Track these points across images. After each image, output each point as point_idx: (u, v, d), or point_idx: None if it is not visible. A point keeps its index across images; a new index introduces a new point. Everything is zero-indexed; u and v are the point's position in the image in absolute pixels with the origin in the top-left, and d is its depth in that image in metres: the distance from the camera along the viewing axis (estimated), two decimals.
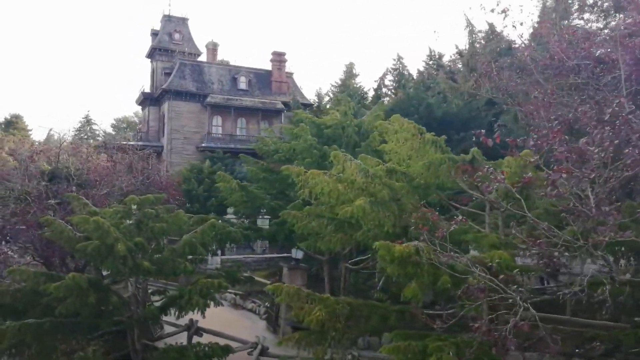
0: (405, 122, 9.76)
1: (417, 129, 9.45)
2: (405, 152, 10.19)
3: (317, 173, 9.32)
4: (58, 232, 13.14)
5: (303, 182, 10.67)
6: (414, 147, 9.64)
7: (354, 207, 7.89)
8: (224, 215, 27.19)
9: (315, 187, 9.37)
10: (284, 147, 16.65)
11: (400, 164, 10.39)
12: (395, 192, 8.69)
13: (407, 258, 7.00)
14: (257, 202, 16.38)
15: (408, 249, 7.01)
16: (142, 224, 13.98)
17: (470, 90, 33.46)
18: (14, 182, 17.68)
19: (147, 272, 12.48)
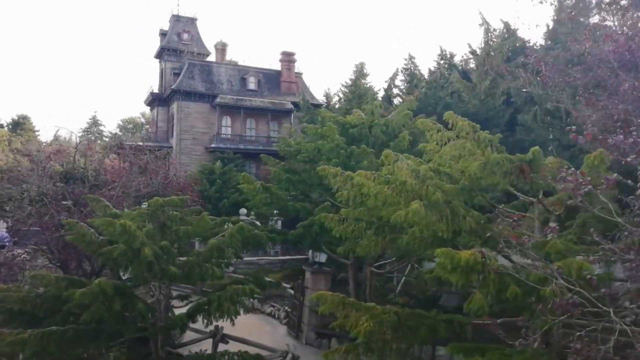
0: (459, 120, 9.18)
1: (471, 126, 8.89)
2: (450, 151, 9.62)
3: (365, 174, 8.76)
4: (80, 235, 12.59)
5: (341, 184, 10.11)
6: (466, 146, 9.06)
7: (409, 211, 7.34)
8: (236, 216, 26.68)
9: (362, 189, 8.81)
10: (308, 147, 16.05)
11: (442, 164, 9.82)
12: (446, 194, 8.13)
13: (472, 266, 6.44)
14: (281, 204, 15.81)
15: (474, 256, 6.45)
16: (166, 227, 13.44)
17: (486, 90, 32.88)
18: (30, 183, 17.18)
19: (174, 277, 11.92)
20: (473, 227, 8.08)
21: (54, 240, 16.46)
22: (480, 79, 33.63)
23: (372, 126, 15.68)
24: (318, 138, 16.44)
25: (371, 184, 8.56)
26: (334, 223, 10.01)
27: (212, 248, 12.34)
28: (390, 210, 8.42)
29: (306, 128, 17.35)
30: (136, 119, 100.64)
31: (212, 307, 11.55)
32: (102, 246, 12.84)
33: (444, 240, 8.66)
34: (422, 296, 21.19)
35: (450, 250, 6.61)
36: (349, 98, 47.30)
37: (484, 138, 8.53)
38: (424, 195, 7.92)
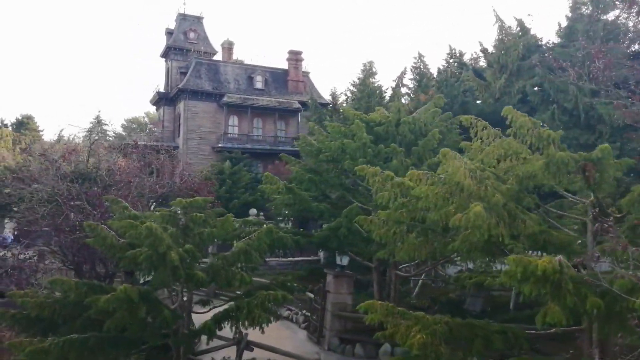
0: (519, 116, 8.59)
1: (533, 123, 8.30)
2: (496, 150, 9.02)
3: (416, 174, 8.16)
4: (101, 238, 12.00)
5: (379, 184, 9.51)
6: (512, 145, 8.47)
7: (470, 214, 6.76)
8: (246, 217, 26.05)
9: (406, 189, 8.22)
10: (331, 146, 15.43)
11: (488, 164, 9.22)
12: (503, 196, 7.54)
13: (548, 275, 5.85)
14: (303, 205, 15.21)
15: (552, 264, 5.85)
16: (189, 229, 12.86)
17: (501, 88, 32.29)
18: (43, 183, 16.59)
19: (200, 282, 11.34)
20: (533, 231, 7.50)
21: (69, 242, 15.88)
22: (494, 77, 33.04)
23: (399, 124, 15.07)
24: (341, 136, 15.82)
25: (422, 185, 7.96)
26: (374, 226, 9.40)
27: (239, 251, 11.74)
28: (441, 212, 7.83)
29: (328, 126, 16.72)
30: (140, 118, 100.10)
31: (241, 315, 10.95)
32: (124, 249, 12.27)
33: (492, 244, 8.09)
34: (443, 299, 20.61)
35: (523, 258, 6.01)
36: (358, 97, 46.71)
37: (546, 135, 7.93)
38: (483, 197, 7.33)
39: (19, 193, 17.94)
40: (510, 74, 31.91)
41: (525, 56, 32.80)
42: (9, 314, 12.42)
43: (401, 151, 14.15)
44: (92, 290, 12.07)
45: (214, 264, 12.12)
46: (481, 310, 19.03)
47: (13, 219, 36.62)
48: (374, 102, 46.01)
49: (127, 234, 12.06)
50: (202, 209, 13.10)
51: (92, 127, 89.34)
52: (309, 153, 16.99)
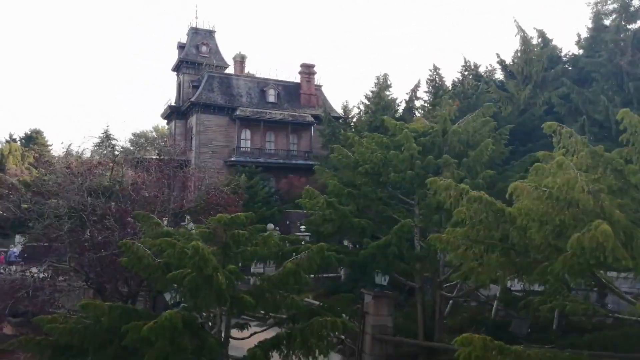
0: (633, 118, 7.59)
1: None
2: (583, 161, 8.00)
3: (519, 186, 7.13)
4: (136, 258, 10.95)
5: (454, 198, 8.48)
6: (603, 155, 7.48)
7: (596, 234, 5.73)
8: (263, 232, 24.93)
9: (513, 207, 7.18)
10: (374, 157, 14.42)
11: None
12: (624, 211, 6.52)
13: None
14: (344, 221, 14.15)
15: None
16: (229, 248, 11.80)
17: (525, 99, 31.36)
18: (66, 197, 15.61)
19: (247, 306, 10.25)
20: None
21: (93, 261, 14.84)
22: (517, 89, 32.13)
23: (446, 134, 14.08)
24: (383, 148, 14.82)
25: (524, 199, 6.92)
26: (450, 246, 8.35)
27: (287, 272, 10.63)
28: (545, 230, 6.79)
29: (368, 137, 15.73)
30: (148, 133, 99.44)
31: (294, 343, 9.84)
32: (160, 270, 11.23)
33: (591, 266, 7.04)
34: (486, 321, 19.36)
35: None
36: (373, 110, 45.88)
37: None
38: (599, 213, 6.31)
39: (38, 208, 16.94)
40: (535, 85, 30.97)
41: (548, 67, 31.93)
42: (34, 341, 11.34)
43: (454, 162, 13.13)
44: (126, 314, 10.99)
45: (259, 286, 11.05)
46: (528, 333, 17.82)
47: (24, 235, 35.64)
48: (390, 115, 45.19)
49: (166, 253, 11.06)
50: (244, 225, 12.05)
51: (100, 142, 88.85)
52: (346, 165, 15.96)
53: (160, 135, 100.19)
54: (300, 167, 49.90)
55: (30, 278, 14.51)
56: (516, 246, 8.28)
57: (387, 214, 15.61)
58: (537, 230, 6.84)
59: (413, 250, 13.88)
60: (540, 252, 7.83)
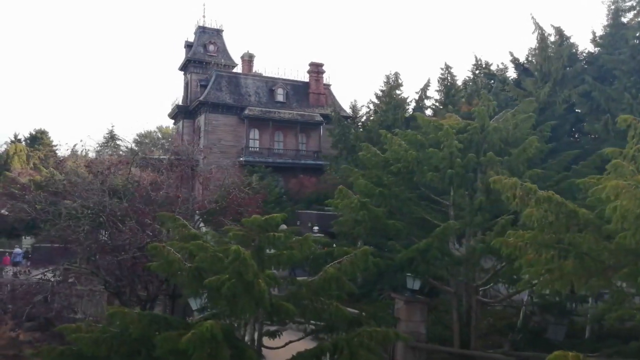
0: None
1: None
2: None
3: (619, 184, 6.36)
4: (167, 262, 10.19)
5: (521, 199, 7.73)
6: None
7: None
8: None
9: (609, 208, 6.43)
10: (408, 156, 13.65)
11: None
12: None
13: None
14: (377, 223, 13.39)
15: None
16: (262, 251, 11.03)
17: (545, 98, 30.55)
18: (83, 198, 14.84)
19: (288, 314, 9.50)
20: None
21: (113, 264, 14.08)
22: (536, 87, 31.33)
23: (488, 131, 13.30)
24: (416, 145, 14.07)
25: (623, 200, 6.17)
26: (520, 251, 7.60)
27: (329, 278, 9.87)
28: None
29: (399, 134, 14.97)
30: (152, 133, 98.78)
31: (341, 356, 9.06)
32: (192, 275, 10.47)
33: None
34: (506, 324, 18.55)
35: None
36: (384, 109, 45.11)
37: None
38: None
39: (54, 209, 16.18)
40: (554, 83, 30.19)
41: (567, 65, 31.16)
42: (57, 351, 10.56)
43: (499, 161, 12.36)
44: (156, 323, 10.23)
45: (297, 293, 10.28)
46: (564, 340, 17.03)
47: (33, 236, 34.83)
48: (401, 114, 44.44)
49: (198, 257, 10.30)
50: (278, 227, 11.30)
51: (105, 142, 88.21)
52: (375, 164, 15.20)
53: (164, 135, 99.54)
54: (309, 167, 49.19)
55: (48, 282, 13.76)
56: (591, 251, 7.53)
57: (419, 216, 14.85)
58: (634, 233, 6.07)
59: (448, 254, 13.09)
60: (621, 257, 7.08)
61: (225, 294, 9.43)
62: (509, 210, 13.28)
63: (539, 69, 31.43)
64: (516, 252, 7.70)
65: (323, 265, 12.48)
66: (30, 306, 13.15)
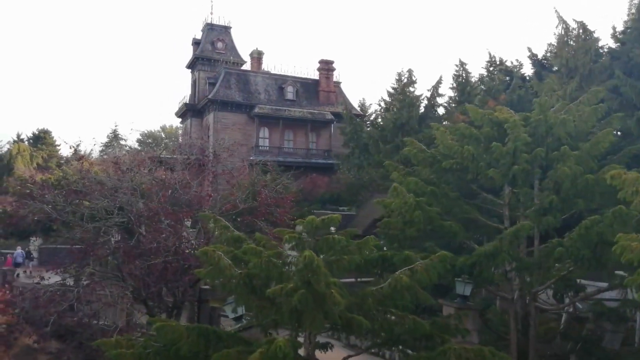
0: None
1: None
2: None
3: None
4: (217, 269, 9.04)
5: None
6: None
7: None
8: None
9: None
10: (465, 151, 12.51)
11: None
12: None
13: None
14: (432, 224, 12.23)
15: None
16: (317, 256, 9.87)
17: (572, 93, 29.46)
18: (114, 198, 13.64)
19: (359, 328, 8.34)
20: None
21: (144, 269, 12.89)
22: (561, 82, 30.22)
23: (551, 124, 12.17)
24: (472, 140, 12.93)
25: None
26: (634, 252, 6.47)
27: (401, 287, 8.71)
28: None
29: (450, 128, 13.86)
30: (156, 133, 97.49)
31: None
32: (243, 283, 9.32)
33: None
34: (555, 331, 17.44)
35: None
36: (397, 107, 43.94)
37: None
38: None
39: (74, 209, 15.02)
40: (581, 79, 29.08)
41: (595, 60, 30.07)
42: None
43: (572, 155, 11.23)
44: (205, 337, 9.09)
45: (362, 304, 9.12)
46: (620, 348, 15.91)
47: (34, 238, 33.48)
48: (415, 112, 43.28)
49: (252, 263, 9.15)
50: (334, 228, 10.16)
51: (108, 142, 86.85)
52: (422, 161, 14.05)
53: (168, 135, 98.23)
54: (320, 166, 48.08)
55: (73, 289, 12.58)
56: None
57: (469, 216, 13.71)
58: None
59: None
60: None
61: (291, 306, 8.28)
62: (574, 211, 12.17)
63: (565, 64, 30.30)
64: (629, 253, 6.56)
65: (376, 270, 11.37)
66: (55, 315, 11.98)
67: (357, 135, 45.97)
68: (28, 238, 28.19)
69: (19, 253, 31.53)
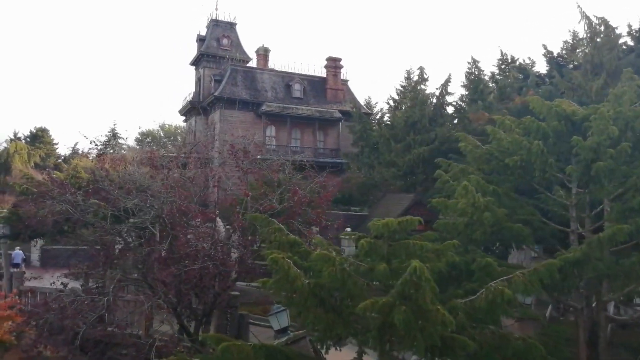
0: None
1: None
2: None
3: None
4: (287, 280, 7.78)
5: None
6: None
7: None
8: None
9: None
10: (535, 146, 11.33)
11: None
12: None
13: None
14: (500, 226, 11.06)
15: None
16: (393, 262, 8.66)
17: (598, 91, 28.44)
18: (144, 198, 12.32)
19: (463, 349, 7.10)
20: None
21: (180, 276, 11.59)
22: (586, 79, 29.20)
23: (633, 117, 11.02)
24: (539, 135, 11.77)
25: None
26: None
27: (502, 300, 7.49)
28: None
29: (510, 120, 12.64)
30: (154, 132, 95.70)
31: None
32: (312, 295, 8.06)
33: None
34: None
35: None
36: (409, 105, 42.78)
37: None
38: None
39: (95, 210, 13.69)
40: (608, 75, 28.07)
41: (619, 57, 29.10)
42: None
43: None
44: (273, 357, 7.84)
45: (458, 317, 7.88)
46: None
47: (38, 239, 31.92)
48: (428, 110, 42.13)
49: (326, 272, 7.90)
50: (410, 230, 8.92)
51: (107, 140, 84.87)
52: (478, 158, 12.86)
53: (167, 134, 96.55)
54: (328, 165, 46.83)
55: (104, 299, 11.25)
56: None
57: (529, 218, 12.54)
58: None
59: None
60: None
61: (378, 323, 7.05)
62: None
63: (590, 60, 29.28)
64: None
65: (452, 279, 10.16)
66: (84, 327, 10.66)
67: (366, 134, 44.81)
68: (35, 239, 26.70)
69: (18, 253, 30.12)
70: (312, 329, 8.78)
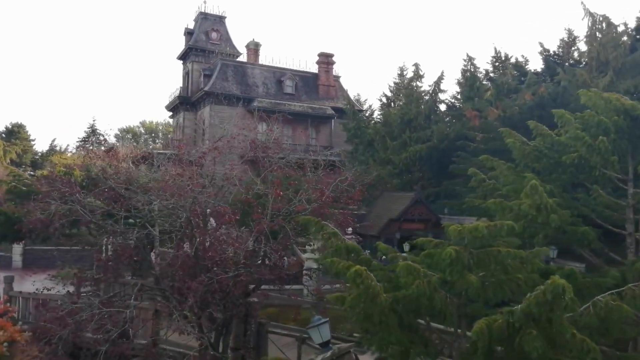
0: None
1: None
2: None
3: None
4: (368, 296, 6.61)
5: None
6: None
7: None
8: None
9: None
10: (600, 142, 10.42)
11: None
12: None
13: None
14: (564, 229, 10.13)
15: None
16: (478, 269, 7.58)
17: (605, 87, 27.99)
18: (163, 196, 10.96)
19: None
20: None
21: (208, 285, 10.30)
22: (592, 77, 28.75)
23: None
24: (600, 131, 10.87)
25: None
26: None
27: (618, 317, 6.50)
28: None
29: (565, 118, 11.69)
30: (135, 128, 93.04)
31: None
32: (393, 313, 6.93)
33: None
34: None
35: None
36: (405, 102, 41.94)
37: None
38: None
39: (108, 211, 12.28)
40: (614, 72, 27.65)
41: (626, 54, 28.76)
42: None
43: None
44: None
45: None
46: None
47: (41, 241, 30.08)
48: (424, 107, 41.35)
49: (414, 285, 6.77)
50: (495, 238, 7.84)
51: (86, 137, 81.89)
52: (527, 155, 11.90)
53: (147, 130, 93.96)
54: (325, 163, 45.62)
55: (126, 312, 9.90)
56: None
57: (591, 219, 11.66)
58: None
59: None
60: None
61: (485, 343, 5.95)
62: None
63: (595, 57, 28.84)
64: None
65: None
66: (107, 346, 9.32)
67: (361, 131, 43.78)
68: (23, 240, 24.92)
69: None
70: (384, 349, 7.64)
